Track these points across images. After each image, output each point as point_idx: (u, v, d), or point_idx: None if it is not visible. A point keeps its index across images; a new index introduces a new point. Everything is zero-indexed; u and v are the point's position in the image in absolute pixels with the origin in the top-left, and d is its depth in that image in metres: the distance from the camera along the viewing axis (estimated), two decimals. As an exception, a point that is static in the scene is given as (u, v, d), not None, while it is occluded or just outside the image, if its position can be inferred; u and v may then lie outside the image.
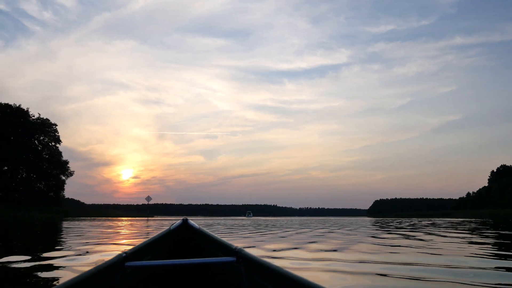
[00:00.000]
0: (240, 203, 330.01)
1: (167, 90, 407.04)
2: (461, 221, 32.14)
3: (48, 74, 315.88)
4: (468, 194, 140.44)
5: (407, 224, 23.09)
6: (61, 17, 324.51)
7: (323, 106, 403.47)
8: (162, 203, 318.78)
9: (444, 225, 19.79)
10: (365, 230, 14.31)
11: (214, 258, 2.44)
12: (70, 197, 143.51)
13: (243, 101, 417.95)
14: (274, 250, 6.02)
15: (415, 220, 37.39)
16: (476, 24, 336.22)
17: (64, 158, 69.98)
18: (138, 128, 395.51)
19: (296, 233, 11.94)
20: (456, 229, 14.45)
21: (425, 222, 29.75)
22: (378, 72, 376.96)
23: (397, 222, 27.44)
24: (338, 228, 16.34)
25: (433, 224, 21.92)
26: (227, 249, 2.49)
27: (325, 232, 12.28)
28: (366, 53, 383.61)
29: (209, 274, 2.78)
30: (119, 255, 2.14)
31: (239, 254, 2.30)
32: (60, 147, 70.24)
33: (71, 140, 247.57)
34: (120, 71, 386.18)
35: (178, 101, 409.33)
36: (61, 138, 69.90)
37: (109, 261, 2.03)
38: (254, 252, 3.50)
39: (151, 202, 65.68)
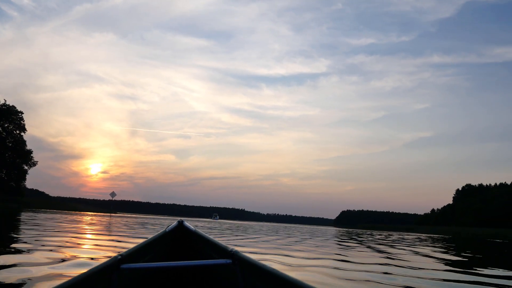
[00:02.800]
0: (208, 205, 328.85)
1: (144, 86, 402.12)
2: (426, 236, 32.43)
3: (22, 61, 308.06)
4: (433, 210, 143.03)
5: (377, 237, 23.04)
6: (40, 4, 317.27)
7: (298, 113, 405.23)
8: (130, 200, 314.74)
9: (401, 240, 19.77)
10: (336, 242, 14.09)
11: (210, 260, 2.45)
12: (34, 188, 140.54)
13: (219, 103, 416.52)
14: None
15: (384, 234, 37.57)
16: (454, 44, 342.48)
17: (33, 148, 68.21)
18: (111, 122, 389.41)
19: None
20: (415, 245, 14.35)
21: (395, 236, 29.88)
22: (356, 84, 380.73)
23: (371, 235, 27.44)
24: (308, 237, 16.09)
25: (402, 239, 21.91)
26: (223, 251, 2.50)
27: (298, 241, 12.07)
28: (345, 64, 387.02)
29: (205, 276, 2.80)
30: (115, 257, 2.12)
31: (235, 256, 2.32)
32: (29, 136, 68.47)
33: (41, 130, 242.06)
34: (97, 64, 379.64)
35: (153, 98, 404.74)
36: (31, 127, 68.32)
37: (105, 263, 2.02)
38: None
39: (115, 198, 64.53)
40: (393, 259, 7.33)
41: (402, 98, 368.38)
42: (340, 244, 11.82)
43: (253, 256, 2.32)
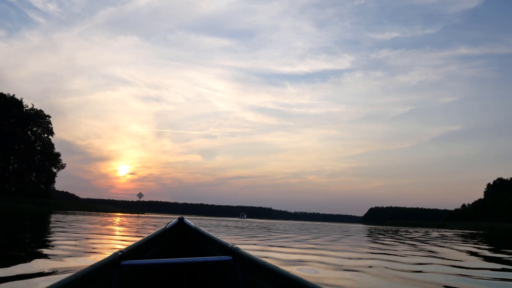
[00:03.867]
0: (235, 204, 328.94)
1: (168, 88, 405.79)
2: (463, 232, 31.44)
3: (49, 67, 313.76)
4: (463, 205, 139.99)
5: (419, 234, 22.30)
6: (66, 9, 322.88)
7: (323, 110, 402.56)
8: (157, 201, 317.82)
9: (442, 238, 19.00)
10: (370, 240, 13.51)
11: (210, 257, 2.49)
12: (64, 190, 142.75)
13: (243, 103, 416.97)
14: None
15: (419, 230, 36.64)
16: (481, 35, 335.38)
17: (62, 151, 69.37)
18: (137, 124, 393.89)
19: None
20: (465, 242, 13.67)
21: (433, 233, 29.03)
22: (380, 79, 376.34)
23: (406, 232, 26.66)
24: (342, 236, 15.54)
25: (444, 236, 21.13)
26: (223, 248, 2.51)
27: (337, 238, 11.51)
28: (369, 60, 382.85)
29: (206, 273, 2.80)
30: (115, 253, 2.12)
31: (235, 253, 2.32)
32: (59, 140, 69.67)
33: (70, 133, 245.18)
34: (122, 67, 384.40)
35: (178, 99, 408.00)
36: (60, 131, 69.64)
37: (105, 259, 2.01)
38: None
39: (142, 199, 64.87)
40: (444, 258, 6.75)
41: (428, 92, 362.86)
42: (378, 242, 11.24)
43: (297, 258, 2.05)
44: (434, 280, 3.86)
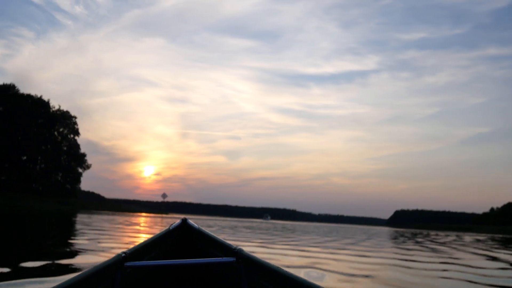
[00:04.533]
0: (259, 206, 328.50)
1: (194, 89, 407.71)
2: (497, 237, 30.40)
3: (76, 68, 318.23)
4: (492, 209, 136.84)
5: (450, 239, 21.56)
6: (92, 11, 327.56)
7: (348, 112, 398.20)
8: (182, 202, 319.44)
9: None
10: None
11: (213, 258, 2.47)
12: (90, 191, 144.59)
13: (268, 104, 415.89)
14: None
15: (450, 234, 35.66)
16: (511, 35, 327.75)
17: (88, 152, 70.13)
18: (163, 125, 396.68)
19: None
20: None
21: (469, 238, 28.17)
22: (407, 80, 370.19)
23: (438, 236, 25.91)
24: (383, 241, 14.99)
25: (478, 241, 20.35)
26: (227, 249, 2.48)
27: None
28: (395, 60, 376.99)
29: (209, 274, 2.79)
30: (119, 255, 2.11)
31: (238, 254, 2.30)
32: (85, 140, 70.45)
33: (96, 134, 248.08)
34: (148, 68, 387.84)
35: (203, 100, 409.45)
36: (86, 132, 70.32)
37: (109, 261, 2.01)
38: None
39: (167, 200, 65.04)
40: None
41: (456, 93, 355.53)
42: (426, 247, 10.68)
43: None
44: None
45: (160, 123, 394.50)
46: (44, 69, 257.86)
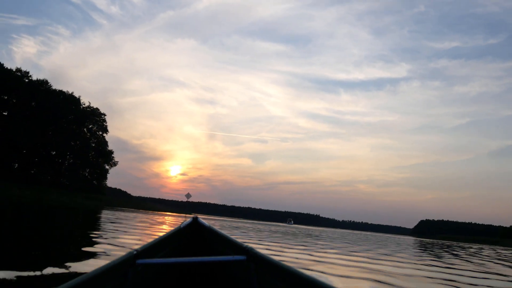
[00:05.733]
0: (283, 210, 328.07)
1: (223, 91, 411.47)
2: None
3: (110, 67, 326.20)
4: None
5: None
6: (127, 12, 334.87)
7: (377, 119, 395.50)
8: (206, 202, 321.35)
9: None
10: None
11: (224, 256, 2.47)
12: (117, 187, 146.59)
13: (296, 108, 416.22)
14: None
15: (478, 247, 34.76)
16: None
17: (117, 149, 70.93)
18: (191, 126, 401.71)
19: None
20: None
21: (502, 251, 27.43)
22: (438, 89, 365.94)
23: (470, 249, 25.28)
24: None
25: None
26: (237, 247, 2.48)
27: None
28: (427, 69, 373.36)
29: (219, 272, 2.79)
30: (130, 252, 2.14)
31: (249, 252, 2.30)
32: (115, 138, 71.25)
33: (126, 132, 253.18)
34: (179, 69, 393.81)
35: (232, 102, 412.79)
36: (116, 130, 71.07)
37: (120, 258, 2.04)
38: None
39: (192, 200, 65.27)
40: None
41: (488, 103, 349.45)
42: (462, 258, 10.36)
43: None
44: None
45: (188, 123, 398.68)
46: (78, 67, 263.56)
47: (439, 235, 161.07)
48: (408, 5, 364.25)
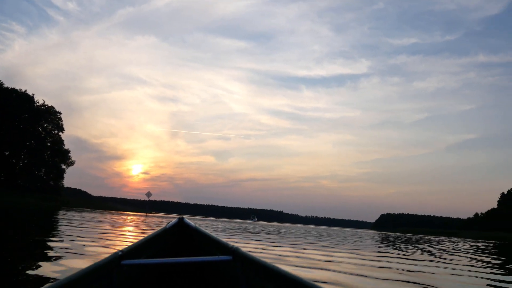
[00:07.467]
0: (246, 207, 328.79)
1: (184, 88, 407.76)
2: (483, 243, 30.39)
3: (68, 65, 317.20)
4: (476, 214, 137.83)
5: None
6: (85, 8, 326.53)
7: (339, 115, 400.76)
8: (169, 201, 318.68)
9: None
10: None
11: (210, 256, 2.47)
12: (77, 188, 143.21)
13: (259, 105, 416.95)
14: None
15: (436, 239, 35.53)
16: (501, 43, 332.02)
17: (76, 148, 69.29)
18: (152, 124, 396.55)
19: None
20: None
21: (466, 245, 28.08)
22: (397, 85, 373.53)
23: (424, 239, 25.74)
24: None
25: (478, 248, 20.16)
26: (223, 247, 2.47)
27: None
28: (386, 65, 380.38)
29: (206, 273, 2.78)
30: (115, 253, 2.14)
31: (235, 252, 2.31)
32: (74, 137, 69.47)
33: (85, 131, 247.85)
34: (139, 67, 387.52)
35: (194, 100, 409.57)
36: (76, 129, 69.23)
37: (105, 259, 2.04)
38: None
39: (153, 199, 64.49)
40: None
41: (446, 99, 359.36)
42: (428, 251, 10.39)
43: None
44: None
45: (150, 121, 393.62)
46: (35, 65, 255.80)
47: (400, 228, 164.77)
48: (368, 2, 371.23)
